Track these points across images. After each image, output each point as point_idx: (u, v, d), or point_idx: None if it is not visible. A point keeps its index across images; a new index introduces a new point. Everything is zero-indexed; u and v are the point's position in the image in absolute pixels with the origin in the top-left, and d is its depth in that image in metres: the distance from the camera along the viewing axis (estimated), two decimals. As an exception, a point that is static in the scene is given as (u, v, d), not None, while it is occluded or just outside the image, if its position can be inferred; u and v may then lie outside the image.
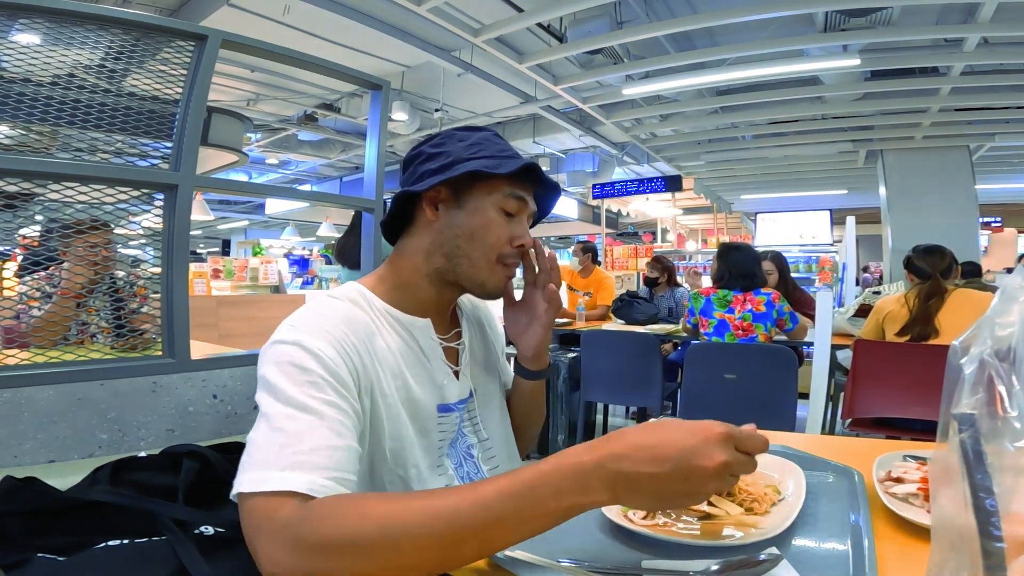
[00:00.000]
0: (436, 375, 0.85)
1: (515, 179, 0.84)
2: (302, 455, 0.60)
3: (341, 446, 0.63)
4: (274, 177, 11.32)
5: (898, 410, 2.37)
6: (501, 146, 0.87)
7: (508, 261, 0.85)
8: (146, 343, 1.37)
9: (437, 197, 0.84)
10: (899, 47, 5.16)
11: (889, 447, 0.92)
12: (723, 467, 0.50)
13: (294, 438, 0.61)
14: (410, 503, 0.54)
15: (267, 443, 0.62)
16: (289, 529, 0.54)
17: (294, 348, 0.69)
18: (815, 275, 7.36)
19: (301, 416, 0.63)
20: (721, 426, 0.52)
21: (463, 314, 0.96)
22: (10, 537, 0.74)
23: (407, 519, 0.52)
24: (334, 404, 0.66)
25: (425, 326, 0.85)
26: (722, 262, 3.00)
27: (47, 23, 1.23)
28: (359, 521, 0.53)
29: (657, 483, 0.50)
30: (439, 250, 0.84)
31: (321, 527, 0.53)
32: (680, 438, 0.51)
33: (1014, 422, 0.38)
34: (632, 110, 6.94)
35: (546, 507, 0.51)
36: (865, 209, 9.26)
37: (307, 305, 0.79)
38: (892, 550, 0.61)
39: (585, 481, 0.50)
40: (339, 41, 5.20)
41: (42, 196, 1.25)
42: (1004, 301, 0.44)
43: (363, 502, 0.55)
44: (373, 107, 1.76)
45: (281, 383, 0.66)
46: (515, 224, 0.85)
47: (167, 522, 0.79)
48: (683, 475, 0.50)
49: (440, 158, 0.84)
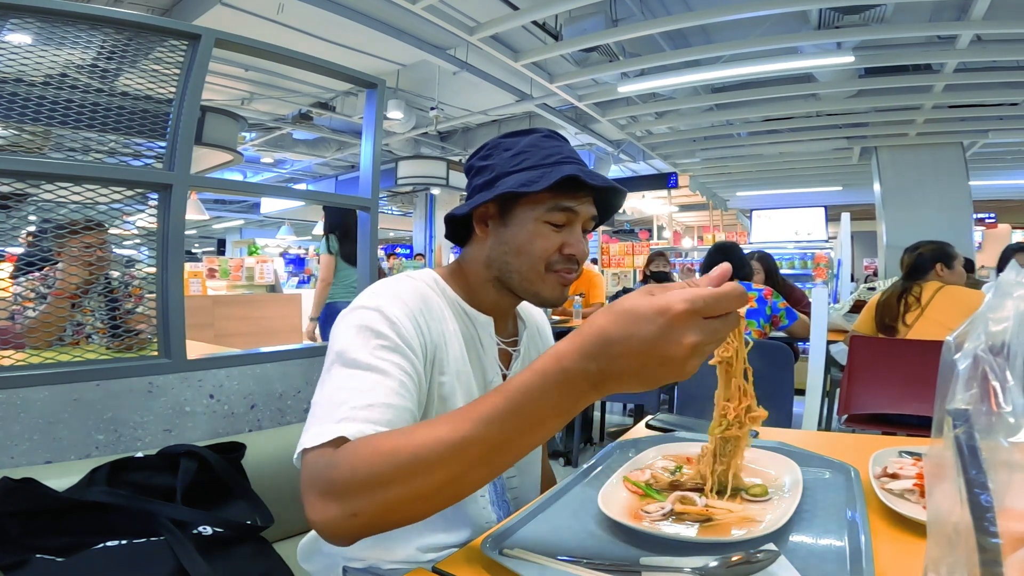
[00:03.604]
0: (487, 370, 0.88)
1: (561, 189, 0.80)
2: (357, 410, 0.63)
3: (398, 405, 0.66)
4: (269, 176, 11.27)
5: (894, 406, 2.38)
6: (548, 151, 0.84)
7: (559, 268, 0.83)
8: (142, 343, 1.36)
9: (486, 213, 0.85)
10: (893, 44, 5.18)
11: (885, 443, 0.92)
12: (694, 347, 0.48)
13: (353, 394, 0.64)
14: (415, 434, 0.56)
15: (327, 402, 0.65)
16: (319, 480, 0.57)
17: (374, 313, 0.73)
18: (811, 271, 7.38)
19: (365, 375, 0.67)
20: (681, 303, 0.48)
21: (524, 325, 0.98)
22: (8, 538, 0.73)
23: (415, 449, 0.54)
24: (401, 367, 0.70)
25: (487, 322, 0.88)
26: (708, 259, 3.04)
27: (39, 23, 1.22)
28: (372, 458, 0.55)
29: (637, 372, 0.50)
30: (493, 264, 0.85)
31: (342, 472, 0.56)
32: (643, 329, 0.49)
33: (1008, 417, 0.38)
34: (628, 108, 6.94)
35: (543, 419, 0.53)
36: (860, 206, 9.27)
37: (387, 280, 0.83)
38: (888, 546, 0.61)
39: (574, 388, 0.52)
40: (334, 40, 5.18)
41: (35, 196, 1.24)
42: (998, 296, 0.44)
43: (375, 440, 0.58)
44: (368, 106, 1.75)
45: (354, 345, 0.70)
46: (566, 233, 0.83)
47: (165, 522, 0.79)
48: (658, 362, 0.49)
49: (486, 172, 0.85)
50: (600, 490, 0.72)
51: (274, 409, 1.48)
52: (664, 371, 0.50)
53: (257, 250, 11.78)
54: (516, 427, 0.53)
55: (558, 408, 0.53)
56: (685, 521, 0.66)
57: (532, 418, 0.53)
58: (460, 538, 0.82)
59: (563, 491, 0.77)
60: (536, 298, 0.86)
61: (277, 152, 9.44)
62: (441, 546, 0.81)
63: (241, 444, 1.03)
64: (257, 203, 13.39)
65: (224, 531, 0.83)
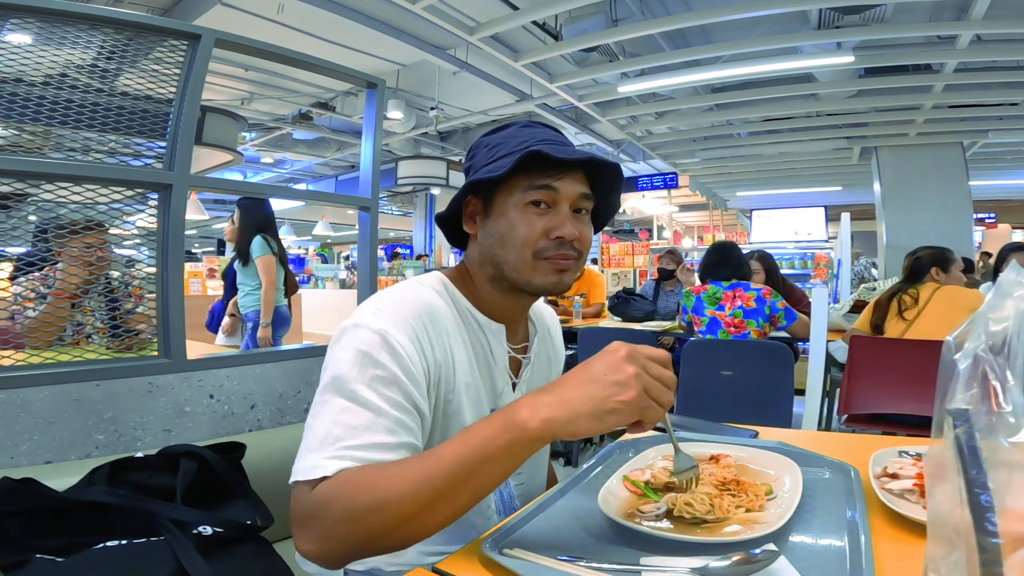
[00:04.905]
0: (497, 381, 0.85)
1: (535, 169, 0.77)
2: (349, 450, 0.63)
3: (392, 443, 0.66)
4: (269, 176, 11.27)
5: (894, 406, 2.38)
6: (522, 138, 0.81)
7: (548, 254, 0.79)
8: (142, 343, 1.36)
9: (474, 211, 0.84)
10: (893, 44, 5.18)
11: (885, 443, 0.92)
12: (636, 375, 0.60)
13: (347, 431, 0.65)
14: (387, 471, 0.61)
15: (323, 434, 0.65)
16: (304, 515, 0.62)
17: (376, 337, 0.70)
18: (811, 271, 7.38)
19: (361, 412, 0.66)
20: (624, 344, 0.63)
21: (536, 331, 0.95)
22: (9, 538, 0.73)
23: (386, 484, 0.60)
24: (397, 403, 0.68)
25: (499, 331, 0.85)
26: (706, 258, 3.03)
27: (39, 23, 1.22)
28: (352, 495, 0.60)
29: (591, 415, 0.59)
30: (486, 260, 0.82)
31: (323, 510, 0.61)
32: (590, 362, 0.62)
33: (1008, 417, 0.38)
34: (628, 108, 6.94)
35: (503, 465, 0.61)
36: (860, 206, 9.28)
37: (394, 289, 0.79)
38: (888, 546, 0.61)
39: (535, 441, 0.60)
40: (334, 39, 5.19)
41: (35, 196, 1.24)
42: (998, 296, 0.44)
43: (352, 476, 0.61)
44: (368, 106, 1.75)
45: (351, 374, 0.68)
46: (550, 216, 0.78)
47: (165, 522, 0.79)
48: (605, 399, 0.60)
49: (469, 173, 0.84)
50: (600, 490, 0.72)
51: (274, 409, 1.48)
52: (607, 388, 0.59)
53: (257, 250, 11.75)
54: (474, 469, 0.60)
55: (515, 455, 0.61)
56: (684, 521, 0.66)
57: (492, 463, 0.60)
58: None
59: (563, 491, 0.77)
60: (530, 287, 0.80)
61: (277, 152, 9.44)
62: (444, 554, 0.81)
63: (241, 444, 1.03)
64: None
65: (224, 531, 0.83)
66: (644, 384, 0.60)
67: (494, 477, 0.61)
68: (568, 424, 0.59)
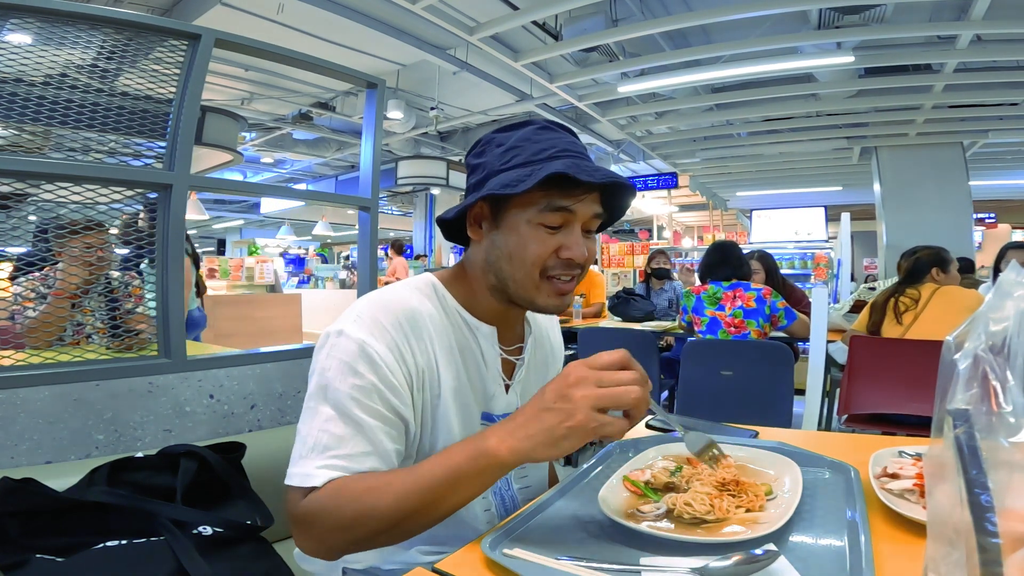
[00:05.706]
0: (489, 384, 0.84)
1: (554, 187, 0.73)
2: (336, 459, 0.67)
3: (375, 452, 0.69)
4: (269, 176, 11.27)
5: (894, 406, 2.38)
6: (541, 145, 0.76)
7: (554, 274, 0.77)
8: (142, 343, 1.36)
9: (480, 214, 0.80)
10: (893, 44, 5.18)
11: (885, 443, 0.92)
12: (586, 397, 0.61)
13: (335, 440, 0.68)
14: (372, 485, 0.66)
15: (312, 442, 0.69)
16: (297, 517, 0.67)
17: (355, 347, 0.71)
18: (811, 271, 7.38)
19: (344, 422, 0.69)
20: (577, 366, 0.64)
21: (531, 333, 0.92)
22: (8, 538, 0.73)
23: (371, 498, 0.65)
24: (378, 413, 0.71)
25: (490, 333, 0.84)
26: (706, 258, 3.03)
27: (39, 23, 1.22)
28: (340, 508, 0.65)
29: (546, 443, 0.62)
30: (490, 269, 0.80)
31: (315, 515, 0.66)
32: (545, 418, 0.63)
33: (1008, 417, 0.38)
34: (628, 108, 6.94)
35: (475, 486, 0.65)
36: (860, 206, 9.28)
37: (378, 293, 0.79)
38: (888, 546, 0.61)
39: (504, 467, 0.64)
40: (334, 39, 5.18)
41: (36, 196, 1.24)
42: (998, 297, 0.44)
43: (339, 488, 0.66)
44: (368, 105, 1.75)
45: (335, 383, 0.71)
46: (563, 235, 0.75)
47: (165, 522, 0.79)
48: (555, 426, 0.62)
49: (479, 171, 0.79)
50: (600, 490, 0.72)
51: (274, 409, 1.48)
52: (557, 416, 0.61)
53: (257, 250, 11.79)
54: (448, 491, 0.65)
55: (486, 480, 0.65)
56: (684, 521, 0.66)
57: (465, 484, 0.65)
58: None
59: (563, 491, 0.77)
60: (532, 306, 0.80)
61: (277, 152, 9.43)
62: (444, 554, 0.81)
63: (241, 444, 1.03)
64: (257, 203, 13.38)
65: (224, 531, 0.83)
66: (593, 403, 0.61)
67: (469, 494, 0.66)
68: (531, 452, 0.62)
